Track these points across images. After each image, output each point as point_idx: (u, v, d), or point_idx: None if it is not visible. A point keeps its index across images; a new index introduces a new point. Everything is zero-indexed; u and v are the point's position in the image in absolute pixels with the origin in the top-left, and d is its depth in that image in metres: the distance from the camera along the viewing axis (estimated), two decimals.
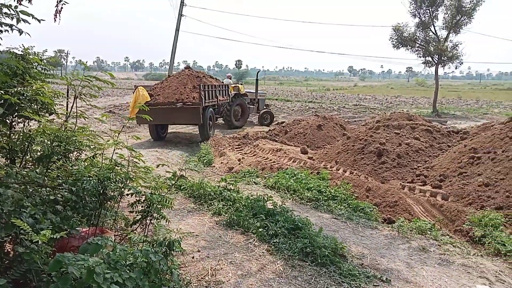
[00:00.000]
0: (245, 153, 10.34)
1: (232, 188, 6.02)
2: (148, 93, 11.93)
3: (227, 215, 5.13)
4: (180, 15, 27.57)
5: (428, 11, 24.18)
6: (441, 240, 4.97)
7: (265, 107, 18.29)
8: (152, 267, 2.40)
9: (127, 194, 3.53)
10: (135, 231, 3.86)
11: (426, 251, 4.64)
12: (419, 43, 25.02)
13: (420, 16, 24.44)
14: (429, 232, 5.16)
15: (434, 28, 24.72)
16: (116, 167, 3.39)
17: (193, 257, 3.95)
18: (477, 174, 6.81)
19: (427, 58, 25.34)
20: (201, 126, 12.17)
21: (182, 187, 6.20)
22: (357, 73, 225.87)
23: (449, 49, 24.17)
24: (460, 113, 25.56)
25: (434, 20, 24.41)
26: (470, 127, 13.17)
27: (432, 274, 4.04)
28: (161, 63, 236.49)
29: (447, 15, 23.94)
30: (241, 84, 17.70)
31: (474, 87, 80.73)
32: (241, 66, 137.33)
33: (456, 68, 26.24)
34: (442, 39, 24.44)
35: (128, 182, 3.37)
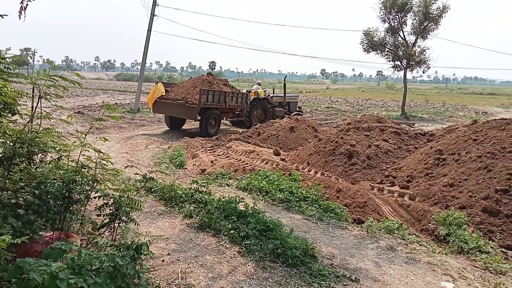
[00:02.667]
0: (218, 155, 10.28)
1: (204, 190, 5.98)
2: (166, 89, 14.73)
3: (198, 217, 5.09)
4: (153, 15, 27.13)
5: (397, 16, 24.90)
6: (408, 239, 5.11)
7: (298, 109, 19.44)
8: (119, 271, 2.35)
9: (95, 197, 3.44)
10: (102, 235, 3.77)
11: (393, 250, 4.76)
12: (388, 47, 25.72)
13: (389, 21, 25.16)
14: (396, 232, 5.30)
15: (403, 34, 25.51)
16: (83, 169, 3.30)
17: (163, 260, 3.89)
18: (442, 174, 7.05)
19: (396, 62, 26.11)
20: (200, 123, 14.40)
21: (152, 190, 6.11)
22: (330, 76, 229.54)
23: (417, 54, 24.99)
24: (427, 116, 26.45)
25: (403, 25, 25.19)
26: (436, 129, 13.61)
27: (399, 272, 4.15)
28: (133, 63, 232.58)
29: (415, 21, 24.77)
30: (263, 90, 18.72)
31: (441, 91, 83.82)
32: (214, 68, 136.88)
33: (423, 73, 27.20)
34: (410, 44, 25.22)
35: (95, 184, 3.29)
